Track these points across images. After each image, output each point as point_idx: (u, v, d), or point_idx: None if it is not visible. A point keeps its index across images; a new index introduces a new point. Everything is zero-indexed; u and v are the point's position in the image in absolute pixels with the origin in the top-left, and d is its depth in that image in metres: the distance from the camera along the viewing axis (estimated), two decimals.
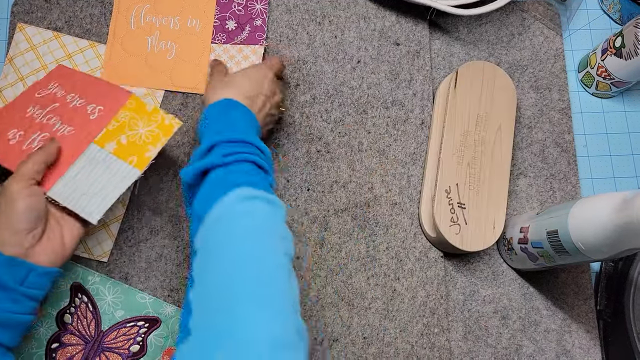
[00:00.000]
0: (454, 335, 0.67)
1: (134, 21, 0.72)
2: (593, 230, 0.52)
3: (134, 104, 0.62)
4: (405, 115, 0.73)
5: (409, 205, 0.70)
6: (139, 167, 0.58)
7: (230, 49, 0.71)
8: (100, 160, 0.58)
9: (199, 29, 0.72)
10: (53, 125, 0.60)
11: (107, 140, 0.60)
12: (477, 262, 0.70)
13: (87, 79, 0.64)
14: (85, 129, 0.60)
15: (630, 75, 0.72)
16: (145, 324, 0.63)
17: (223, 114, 0.56)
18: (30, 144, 0.59)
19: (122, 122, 0.60)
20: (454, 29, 0.77)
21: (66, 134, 0.60)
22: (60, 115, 0.61)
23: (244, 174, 0.50)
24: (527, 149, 0.74)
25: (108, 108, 0.61)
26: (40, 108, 0.62)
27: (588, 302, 0.70)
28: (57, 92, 0.63)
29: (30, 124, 0.61)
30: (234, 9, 0.72)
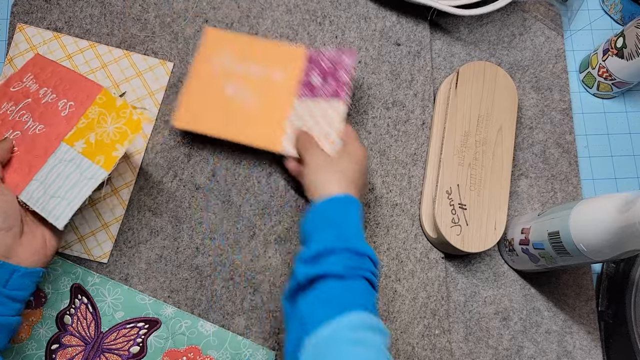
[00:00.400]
0: (455, 336, 0.67)
1: (217, 66, 0.69)
2: (594, 232, 0.52)
3: (104, 99, 0.60)
4: (406, 115, 0.73)
5: (410, 206, 0.70)
6: (106, 167, 0.57)
7: (311, 105, 0.66)
8: (70, 160, 0.57)
9: (282, 81, 0.68)
10: (25, 122, 0.58)
11: (76, 139, 0.58)
12: (478, 263, 0.70)
13: (60, 71, 0.61)
14: (56, 127, 0.58)
15: (631, 75, 0.71)
16: (145, 325, 0.63)
17: (342, 214, 0.54)
18: None
19: (92, 120, 0.59)
20: (455, 29, 0.77)
21: (37, 132, 0.58)
22: (32, 111, 0.59)
23: (361, 293, 0.50)
24: (528, 150, 0.73)
25: (79, 104, 0.59)
26: (14, 104, 0.60)
27: (589, 304, 0.69)
28: (31, 86, 0.60)
29: (3, 122, 0.59)
30: (320, 63, 0.67)
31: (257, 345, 0.64)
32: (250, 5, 0.74)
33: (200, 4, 0.74)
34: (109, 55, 0.71)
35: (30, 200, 0.55)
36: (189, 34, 0.73)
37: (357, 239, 0.53)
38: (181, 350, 0.63)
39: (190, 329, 0.64)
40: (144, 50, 0.72)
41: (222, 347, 0.63)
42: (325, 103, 0.66)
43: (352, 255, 0.51)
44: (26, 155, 0.58)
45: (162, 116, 0.70)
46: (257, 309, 0.65)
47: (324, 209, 0.55)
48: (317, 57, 0.68)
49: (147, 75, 0.71)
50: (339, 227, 0.53)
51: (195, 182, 0.69)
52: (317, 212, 0.55)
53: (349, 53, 0.66)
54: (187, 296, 0.65)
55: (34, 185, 0.56)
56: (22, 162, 0.57)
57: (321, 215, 0.55)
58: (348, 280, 0.50)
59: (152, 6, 0.73)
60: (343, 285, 0.49)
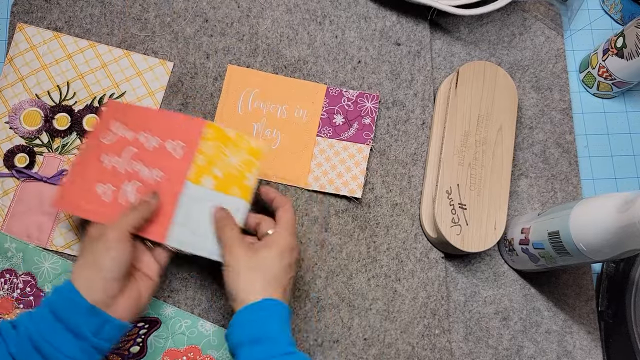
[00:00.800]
0: (455, 336, 0.67)
1: (241, 105, 0.70)
2: (594, 231, 0.52)
3: (212, 132, 0.60)
4: (406, 115, 0.73)
5: (410, 206, 0.70)
6: (244, 197, 0.58)
7: (335, 144, 0.69)
8: (203, 197, 0.58)
9: (305, 120, 0.70)
10: (139, 171, 0.59)
11: (201, 176, 0.59)
12: (478, 263, 0.70)
13: (147, 113, 0.61)
14: (174, 169, 0.59)
15: (631, 75, 0.71)
16: (145, 325, 0.63)
17: (263, 323, 0.51)
18: (125, 196, 0.59)
19: (210, 155, 0.59)
20: (455, 29, 0.77)
21: (158, 179, 0.59)
22: (142, 159, 0.59)
23: None
24: (528, 150, 0.73)
25: (188, 142, 0.60)
26: (117, 155, 0.60)
27: (589, 303, 0.69)
28: (125, 134, 0.60)
29: (115, 176, 0.59)
30: (343, 103, 0.70)
31: None
32: (250, 5, 0.74)
33: (200, 4, 0.74)
34: (109, 55, 0.71)
35: (181, 245, 0.57)
36: (189, 34, 0.73)
37: (277, 351, 0.50)
38: (181, 350, 0.63)
39: (190, 328, 0.64)
40: (144, 49, 0.72)
41: (222, 347, 0.63)
42: (351, 145, 0.69)
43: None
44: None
45: None
46: None
47: (242, 322, 0.51)
48: (340, 97, 0.70)
49: (147, 75, 0.71)
50: (257, 343, 0.50)
51: None
52: (235, 326, 0.52)
53: (371, 97, 0.70)
54: (187, 296, 0.65)
55: (177, 230, 0.57)
56: (153, 212, 0.57)
57: (240, 329, 0.51)
58: None
59: (152, 6, 0.73)
60: None
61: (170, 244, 0.57)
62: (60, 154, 0.68)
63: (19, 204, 0.66)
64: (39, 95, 0.69)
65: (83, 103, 0.69)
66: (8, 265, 0.64)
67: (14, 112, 0.68)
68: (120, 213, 0.55)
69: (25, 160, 0.67)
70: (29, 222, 0.65)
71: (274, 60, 0.73)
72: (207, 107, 0.71)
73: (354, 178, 0.68)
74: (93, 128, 0.62)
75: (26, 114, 0.68)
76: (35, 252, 0.64)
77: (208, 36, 0.73)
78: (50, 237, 0.65)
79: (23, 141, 0.68)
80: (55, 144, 0.68)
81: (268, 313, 0.51)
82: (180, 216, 0.57)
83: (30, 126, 0.68)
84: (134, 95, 0.70)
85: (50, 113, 0.68)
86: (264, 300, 0.51)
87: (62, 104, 0.69)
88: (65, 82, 0.69)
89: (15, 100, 0.68)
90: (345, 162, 0.69)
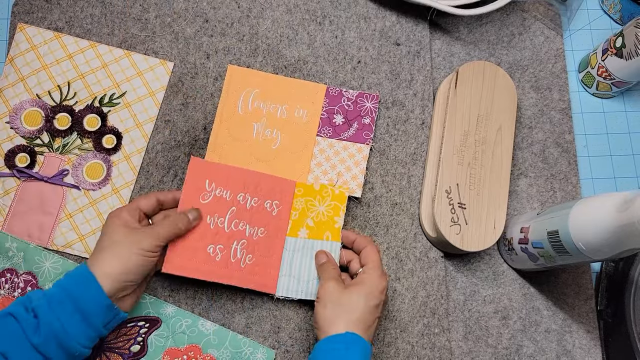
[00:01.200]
0: (454, 335, 0.67)
1: (242, 105, 0.70)
2: (594, 231, 0.52)
3: (302, 190, 0.67)
4: (406, 115, 0.73)
5: (410, 206, 0.70)
6: (336, 239, 0.65)
7: (335, 144, 0.69)
8: (301, 248, 0.65)
9: (305, 120, 0.70)
10: (244, 230, 0.64)
11: (297, 229, 0.66)
12: (478, 262, 0.70)
13: (240, 173, 0.65)
14: (274, 226, 0.65)
15: (630, 75, 0.71)
16: (146, 324, 0.63)
17: (344, 355, 0.53)
18: (236, 255, 0.63)
19: (302, 209, 0.66)
20: (455, 29, 0.77)
21: (261, 236, 0.64)
22: (243, 219, 0.64)
23: None
24: (527, 149, 0.74)
25: (283, 201, 0.66)
26: (218, 215, 0.63)
27: (589, 303, 0.69)
28: (223, 194, 0.64)
29: (221, 235, 0.63)
30: (343, 103, 0.71)
31: (258, 344, 0.64)
32: (251, 5, 0.74)
33: (201, 4, 0.74)
34: (109, 55, 0.71)
35: (288, 293, 0.64)
36: (190, 34, 0.73)
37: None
38: (181, 349, 0.63)
39: (191, 327, 0.64)
40: (145, 50, 0.72)
41: (223, 346, 0.64)
42: (351, 144, 0.69)
43: None
44: (262, 259, 0.64)
45: (162, 116, 0.70)
46: (257, 307, 0.66)
47: (324, 350, 0.54)
48: (339, 97, 0.71)
49: (147, 75, 0.71)
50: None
51: None
52: (317, 352, 0.54)
53: (371, 97, 0.70)
54: (187, 295, 0.65)
55: (285, 281, 0.64)
56: (260, 265, 0.64)
57: (321, 356, 0.54)
58: None
59: (153, 6, 0.73)
60: None
61: (282, 295, 0.64)
62: (61, 153, 0.68)
63: (20, 204, 0.66)
64: (39, 95, 0.69)
65: (84, 103, 0.69)
66: (9, 265, 0.64)
67: (14, 112, 0.68)
68: (233, 274, 0.62)
69: (26, 160, 0.67)
70: (30, 222, 0.65)
71: (274, 60, 0.73)
72: (208, 107, 0.71)
73: (354, 178, 0.68)
74: (186, 189, 0.63)
75: (27, 114, 0.68)
76: (36, 251, 0.64)
77: (208, 36, 0.73)
78: (51, 237, 0.65)
79: (24, 141, 0.68)
80: (56, 143, 0.68)
81: (348, 345, 0.54)
82: (285, 268, 0.64)
83: (31, 126, 0.68)
84: (135, 95, 0.70)
85: (51, 113, 0.69)
86: (347, 333, 0.54)
87: (62, 104, 0.69)
88: (65, 82, 0.70)
89: (16, 100, 0.68)
90: (345, 162, 0.69)
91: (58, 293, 0.52)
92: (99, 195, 0.67)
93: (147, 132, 0.70)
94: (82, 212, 0.66)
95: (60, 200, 0.66)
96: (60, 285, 0.53)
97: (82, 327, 0.51)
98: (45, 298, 0.51)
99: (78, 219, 0.66)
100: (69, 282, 0.53)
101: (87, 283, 0.52)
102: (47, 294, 0.52)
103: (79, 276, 0.53)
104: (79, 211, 0.66)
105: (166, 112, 0.70)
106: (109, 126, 0.69)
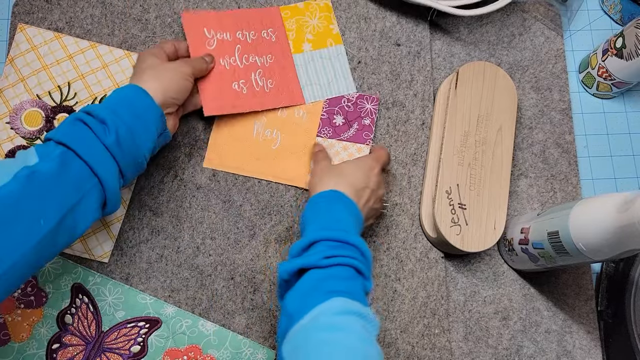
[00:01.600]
0: (454, 336, 0.67)
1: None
2: (594, 231, 0.52)
3: (288, 11, 0.73)
4: (406, 115, 0.73)
5: (410, 206, 0.70)
6: (338, 42, 0.73)
7: (335, 145, 0.70)
8: (311, 59, 0.71)
9: (305, 120, 0.70)
10: (255, 62, 0.70)
11: (299, 45, 0.72)
12: (478, 263, 0.70)
13: (229, 15, 0.70)
14: (278, 49, 0.71)
15: (631, 75, 0.72)
16: (146, 325, 0.63)
17: (329, 206, 0.56)
18: (258, 84, 0.69)
19: (296, 28, 0.72)
20: (455, 30, 0.77)
21: (270, 62, 0.70)
22: (251, 52, 0.70)
23: (343, 280, 0.49)
24: (527, 150, 0.74)
25: (276, 27, 0.72)
26: (229, 56, 0.69)
27: (589, 303, 0.69)
28: (223, 36, 0.69)
29: (239, 71, 0.69)
30: (343, 104, 0.71)
31: (258, 345, 0.64)
32: (251, 5, 0.74)
33: (201, 5, 0.74)
34: (109, 56, 0.71)
35: (320, 96, 0.70)
36: None
37: (339, 229, 0.53)
38: (182, 350, 0.63)
39: (191, 328, 0.64)
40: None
41: (223, 347, 0.64)
42: (351, 145, 0.70)
43: (333, 245, 0.51)
44: (282, 80, 0.70)
45: None
46: (257, 308, 0.66)
47: (312, 205, 0.57)
48: (340, 98, 0.71)
49: None
50: (322, 220, 0.54)
51: (196, 182, 0.69)
52: (307, 208, 0.57)
53: (371, 99, 0.71)
54: (187, 295, 0.65)
55: (309, 90, 0.71)
56: (282, 85, 0.70)
57: (310, 211, 0.56)
58: (328, 269, 0.50)
59: (153, 7, 0.73)
60: (323, 274, 0.50)
61: (309, 101, 0.70)
62: None
63: None
64: (40, 96, 0.69)
65: (84, 103, 0.69)
66: None
67: (15, 113, 0.68)
68: (266, 102, 0.69)
69: None
70: None
71: None
72: None
73: None
74: (190, 40, 0.68)
75: (27, 115, 0.68)
76: None
77: None
78: None
79: (24, 141, 0.68)
80: None
81: (331, 200, 0.56)
82: (304, 80, 0.71)
83: (31, 126, 0.68)
84: None
85: (51, 113, 0.69)
86: (332, 190, 0.57)
87: (63, 105, 0.69)
88: (66, 82, 0.70)
89: (16, 100, 0.69)
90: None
91: (117, 103, 0.55)
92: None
93: None
94: None
95: None
96: (116, 98, 0.56)
97: (144, 134, 0.56)
98: (107, 107, 0.54)
99: None
100: (124, 95, 0.56)
101: (141, 94, 0.56)
102: (106, 105, 0.55)
103: (132, 89, 0.57)
104: None
105: None
106: None
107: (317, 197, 0.57)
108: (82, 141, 0.52)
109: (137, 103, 0.56)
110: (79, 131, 0.52)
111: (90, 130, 0.52)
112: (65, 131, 0.52)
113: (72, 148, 0.51)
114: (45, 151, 0.50)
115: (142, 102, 0.56)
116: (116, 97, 0.56)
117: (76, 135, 0.52)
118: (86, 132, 0.52)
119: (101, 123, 0.53)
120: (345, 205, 0.56)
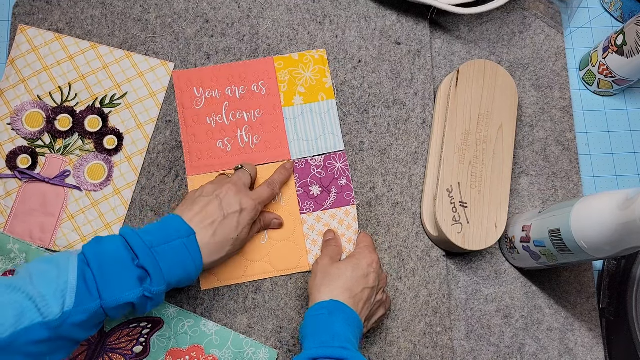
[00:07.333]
0: (456, 334, 0.67)
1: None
2: (595, 229, 0.52)
3: (282, 63, 0.72)
4: (407, 114, 0.73)
5: (411, 205, 0.70)
6: (330, 97, 0.71)
7: (322, 216, 0.68)
8: (301, 113, 0.70)
9: (284, 203, 0.68)
10: (242, 118, 0.69)
11: (290, 98, 0.71)
12: (480, 261, 0.70)
13: (220, 70, 0.71)
14: (268, 103, 0.70)
15: (631, 73, 0.71)
16: (148, 325, 0.64)
17: (327, 319, 0.55)
18: (243, 140, 0.69)
19: (289, 80, 0.71)
20: (455, 28, 0.77)
21: (259, 116, 0.70)
22: (239, 108, 0.70)
23: None
24: (528, 148, 0.74)
25: (268, 79, 0.71)
26: (215, 114, 0.69)
27: (591, 301, 0.69)
28: (211, 94, 0.70)
29: (224, 129, 0.69)
30: (313, 172, 0.69)
31: (260, 344, 0.64)
32: (251, 5, 0.74)
33: (201, 5, 0.74)
34: (110, 56, 0.71)
35: (306, 153, 0.69)
36: (190, 35, 0.73)
37: (338, 347, 0.52)
38: (184, 350, 0.63)
39: (193, 328, 0.64)
40: (145, 50, 0.72)
41: (225, 346, 0.64)
42: (336, 211, 0.68)
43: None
44: (269, 135, 0.69)
45: (163, 116, 0.70)
46: (259, 307, 0.66)
47: (310, 318, 0.56)
48: (308, 168, 0.69)
49: (148, 75, 0.71)
50: (321, 336, 0.54)
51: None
52: (305, 321, 0.57)
53: (339, 156, 0.70)
54: (189, 295, 0.65)
55: (295, 145, 0.69)
56: (269, 140, 0.69)
57: (309, 324, 0.56)
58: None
59: (153, 7, 0.73)
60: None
61: (294, 157, 0.69)
62: (62, 154, 0.68)
63: (22, 205, 0.66)
64: (40, 97, 0.69)
65: (85, 104, 0.70)
66: (11, 266, 0.64)
67: (16, 114, 0.68)
68: (244, 158, 0.68)
69: (27, 162, 0.67)
70: (32, 223, 0.66)
71: None
72: None
73: (349, 241, 0.68)
74: (179, 101, 0.70)
75: (28, 115, 0.68)
76: (38, 252, 0.64)
77: (209, 37, 0.73)
78: (53, 238, 0.65)
79: (25, 142, 0.68)
80: (58, 145, 0.68)
81: (331, 311, 0.56)
82: (292, 135, 0.70)
83: (33, 127, 0.68)
84: (136, 95, 0.70)
85: (52, 114, 0.69)
86: (331, 301, 0.56)
87: (63, 105, 0.69)
88: (67, 83, 0.70)
89: (17, 101, 0.69)
90: (338, 230, 0.68)
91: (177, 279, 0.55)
92: (101, 196, 0.67)
93: (148, 133, 0.70)
94: (83, 213, 0.66)
95: (61, 201, 0.66)
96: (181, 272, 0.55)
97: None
98: (154, 254, 0.53)
99: (80, 220, 0.66)
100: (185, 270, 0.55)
101: (190, 244, 0.56)
102: (156, 252, 0.54)
103: (185, 237, 0.56)
104: (80, 212, 0.66)
105: (167, 113, 0.71)
106: (110, 127, 0.69)
107: (316, 308, 0.56)
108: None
109: (190, 276, 0.56)
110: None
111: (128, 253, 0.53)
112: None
113: None
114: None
115: (194, 275, 0.56)
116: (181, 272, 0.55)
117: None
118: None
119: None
120: (344, 316, 0.55)
